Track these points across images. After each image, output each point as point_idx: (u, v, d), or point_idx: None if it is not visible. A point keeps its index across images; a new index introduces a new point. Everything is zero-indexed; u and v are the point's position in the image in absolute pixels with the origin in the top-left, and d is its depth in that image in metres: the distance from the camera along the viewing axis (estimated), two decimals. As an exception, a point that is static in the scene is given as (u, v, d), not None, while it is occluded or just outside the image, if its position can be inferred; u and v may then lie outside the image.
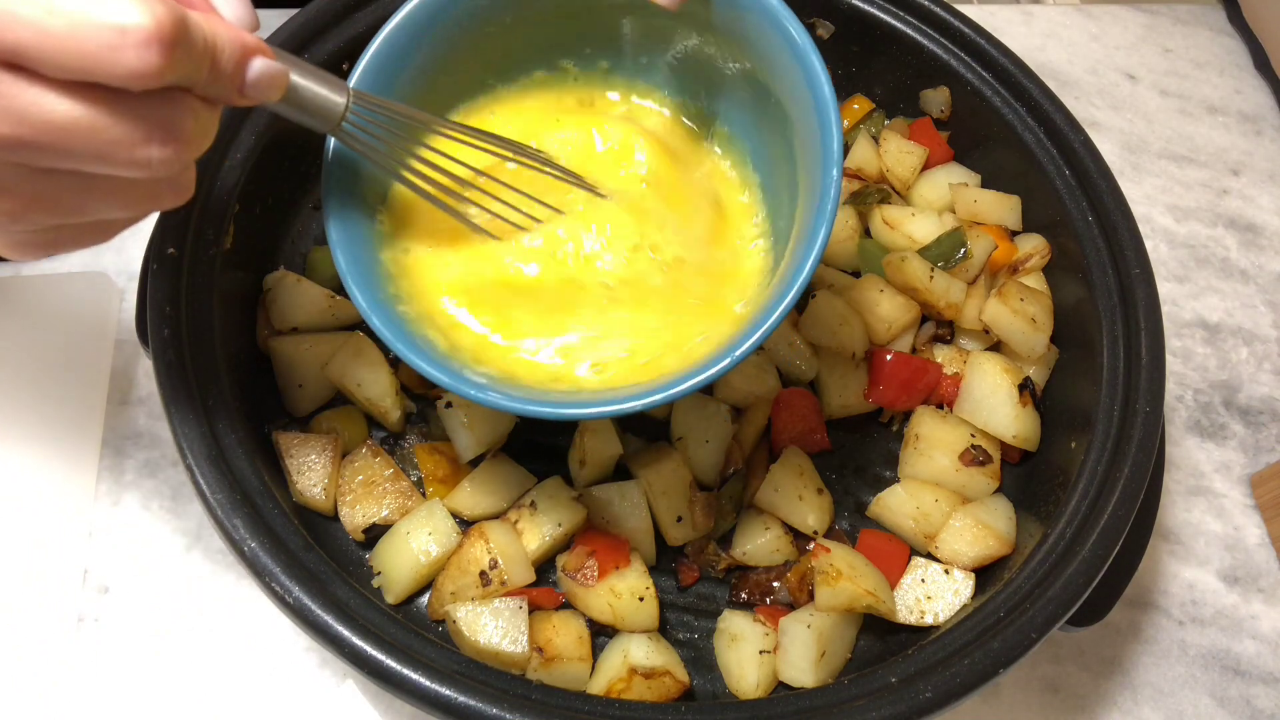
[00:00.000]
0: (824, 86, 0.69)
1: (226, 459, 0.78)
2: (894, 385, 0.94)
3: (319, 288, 0.96)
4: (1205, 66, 1.41)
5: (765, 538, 0.87)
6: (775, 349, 0.95)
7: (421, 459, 0.91)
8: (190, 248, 0.86)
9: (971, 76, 1.05)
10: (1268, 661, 0.97)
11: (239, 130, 0.93)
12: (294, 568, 0.73)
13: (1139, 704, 0.94)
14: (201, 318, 0.84)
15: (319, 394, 0.93)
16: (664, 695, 0.79)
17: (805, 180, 0.73)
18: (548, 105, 0.86)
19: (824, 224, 0.67)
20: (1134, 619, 0.98)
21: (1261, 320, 1.18)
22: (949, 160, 1.10)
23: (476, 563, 0.82)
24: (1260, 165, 1.32)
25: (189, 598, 0.90)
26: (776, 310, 0.66)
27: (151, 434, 0.97)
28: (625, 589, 0.82)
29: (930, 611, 0.86)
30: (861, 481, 0.96)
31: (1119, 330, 0.91)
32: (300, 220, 1.03)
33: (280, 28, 0.96)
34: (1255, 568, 1.02)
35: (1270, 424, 1.11)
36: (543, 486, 0.88)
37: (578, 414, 0.71)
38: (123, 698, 0.86)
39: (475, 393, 0.68)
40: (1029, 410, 0.93)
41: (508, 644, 0.79)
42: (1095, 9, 1.45)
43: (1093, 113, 1.33)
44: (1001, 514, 0.90)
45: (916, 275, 0.96)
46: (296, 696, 0.87)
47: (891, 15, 1.07)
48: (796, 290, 0.66)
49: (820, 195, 0.68)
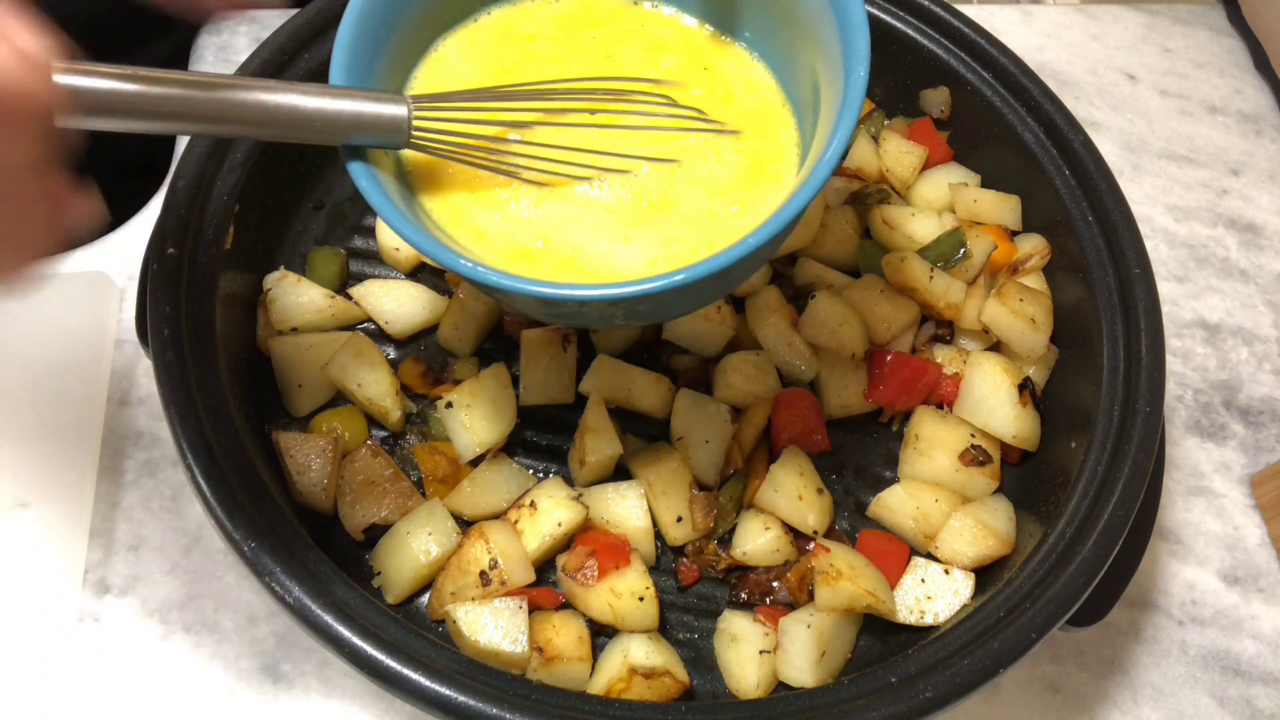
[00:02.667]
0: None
1: (226, 459, 0.78)
2: (894, 385, 0.94)
3: (319, 288, 0.96)
4: (1205, 66, 1.41)
5: (765, 538, 0.87)
6: (775, 349, 0.95)
7: (421, 459, 0.91)
8: (190, 248, 0.86)
9: (971, 76, 1.05)
10: (1268, 661, 0.97)
11: (239, 130, 0.93)
12: (294, 568, 0.73)
13: (1139, 704, 0.94)
14: (201, 318, 0.84)
15: (319, 394, 0.93)
16: (664, 695, 0.79)
17: (828, 93, 0.71)
18: (581, 14, 0.83)
19: (847, 119, 0.64)
20: (1134, 619, 0.98)
21: (1261, 320, 1.18)
22: (949, 160, 1.10)
23: (476, 563, 0.82)
24: (1260, 165, 1.32)
25: (189, 598, 0.90)
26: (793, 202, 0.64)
27: (151, 434, 0.97)
28: (625, 589, 0.82)
29: (930, 611, 0.86)
30: (861, 481, 0.96)
31: (1119, 330, 0.91)
32: (300, 220, 1.03)
33: (280, 28, 0.96)
34: (1255, 568, 1.02)
35: (1270, 424, 1.11)
36: (543, 486, 0.88)
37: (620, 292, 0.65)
38: (123, 697, 0.86)
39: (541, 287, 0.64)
40: (1029, 410, 0.93)
41: (508, 644, 0.79)
42: (1095, 9, 1.45)
43: (1093, 113, 1.33)
44: (1001, 514, 0.90)
45: (916, 275, 0.96)
46: (297, 696, 0.87)
47: (891, 15, 1.07)
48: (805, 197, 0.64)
49: (844, 98, 0.66)
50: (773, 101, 0.80)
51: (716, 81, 0.81)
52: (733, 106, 0.80)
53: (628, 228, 0.74)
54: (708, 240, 0.74)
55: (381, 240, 1.01)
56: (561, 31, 0.83)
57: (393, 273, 1.02)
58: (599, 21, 0.83)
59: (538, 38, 0.82)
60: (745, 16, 0.82)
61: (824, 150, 0.66)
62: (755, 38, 0.82)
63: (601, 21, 0.83)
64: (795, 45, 0.78)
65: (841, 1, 0.68)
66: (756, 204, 0.76)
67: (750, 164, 0.77)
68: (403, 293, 0.97)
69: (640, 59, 0.81)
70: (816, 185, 0.64)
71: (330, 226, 1.04)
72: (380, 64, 0.74)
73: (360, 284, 0.98)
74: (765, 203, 0.76)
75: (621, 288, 0.64)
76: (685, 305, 0.80)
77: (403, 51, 0.78)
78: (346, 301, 0.97)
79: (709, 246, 0.73)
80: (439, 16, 0.80)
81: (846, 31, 0.68)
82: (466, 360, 0.97)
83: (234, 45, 1.22)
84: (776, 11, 0.78)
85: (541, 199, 0.74)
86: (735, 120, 0.78)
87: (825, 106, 0.72)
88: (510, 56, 0.81)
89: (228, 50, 1.22)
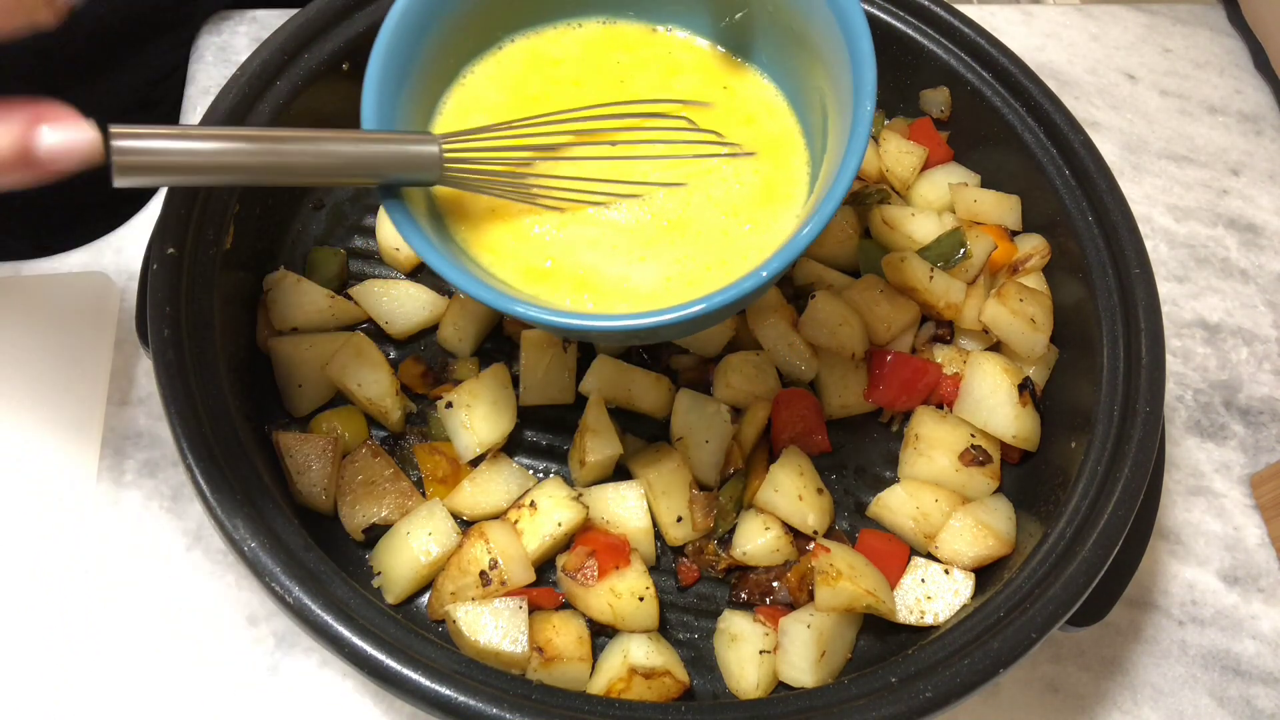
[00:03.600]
0: (857, 21, 0.69)
1: (226, 459, 0.78)
2: (894, 385, 0.94)
3: (319, 288, 0.96)
4: (1205, 66, 1.41)
5: (765, 538, 0.87)
6: (775, 349, 0.95)
7: (421, 459, 0.91)
8: (190, 248, 0.86)
9: (971, 76, 1.05)
10: (1268, 661, 0.97)
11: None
12: (294, 568, 0.73)
13: (1139, 704, 0.94)
14: (201, 318, 0.84)
15: (319, 394, 0.93)
16: (664, 695, 0.79)
17: (836, 121, 0.73)
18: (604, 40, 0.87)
19: (854, 156, 0.67)
20: (1134, 619, 0.98)
21: (1261, 320, 1.18)
22: (949, 160, 1.10)
23: (476, 563, 0.82)
24: (1260, 165, 1.32)
25: (189, 598, 0.90)
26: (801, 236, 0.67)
27: (151, 434, 0.97)
28: (625, 589, 0.82)
29: (930, 611, 0.86)
30: (861, 481, 0.96)
31: (1119, 330, 0.91)
32: (300, 220, 1.03)
33: (280, 28, 0.96)
34: (1255, 568, 1.02)
35: (1270, 424, 1.11)
36: (543, 486, 0.88)
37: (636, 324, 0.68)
38: (123, 697, 0.86)
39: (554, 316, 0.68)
40: (1029, 410, 0.93)
41: (508, 644, 0.79)
42: (1095, 9, 1.45)
43: (1093, 113, 1.33)
44: (1001, 514, 0.90)
45: (916, 275, 0.96)
46: (297, 696, 0.87)
47: (891, 15, 1.07)
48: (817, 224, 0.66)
49: (851, 131, 0.68)
50: (786, 124, 0.83)
51: (736, 103, 0.84)
52: (750, 128, 0.82)
53: (643, 247, 0.77)
54: (721, 259, 0.77)
55: (381, 240, 1.01)
56: (586, 56, 0.86)
57: (393, 273, 1.02)
58: (622, 46, 0.86)
59: (564, 61, 0.85)
60: (759, 42, 0.84)
61: (832, 182, 0.68)
62: (769, 61, 0.85)
63: (625, 46, 0.86)
64: (807, 71, 0.80)
65: (853, 32, 0.70)
66: (769, 224, 0.78)
67: (764, 185, 0.80)
68: (403, 293, 0.97)
69: (660, 81, 0.84)
70: (826, 216, 0.67)
71: (330, 226, 1.04)
72: (408, 92, 0.77)
73: (360, 284, 0.98)
74: (778, 222, 0.78)
75: (643, 318, 0.67)
76: (695, 329, 0.86)
77: (431, 78, 0.81)
78: (346, 301, 0.97)
79: (722, 265, 0.76)
80: (465, 45, 0.83)
81: (857, 63, 0.70)
82: (466, 360, 0.97)
83: (234, 45, 1.22)
84: (790, 39, 0.81)
85: (562, 223, 0.77)
86: (751, 142, 0.81)
87: (833, 134, 0.74)
88: (536, 84, 0.84)
89: (228, 50, 1.22)
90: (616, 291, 0.75)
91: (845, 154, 0.68)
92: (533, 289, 0.75)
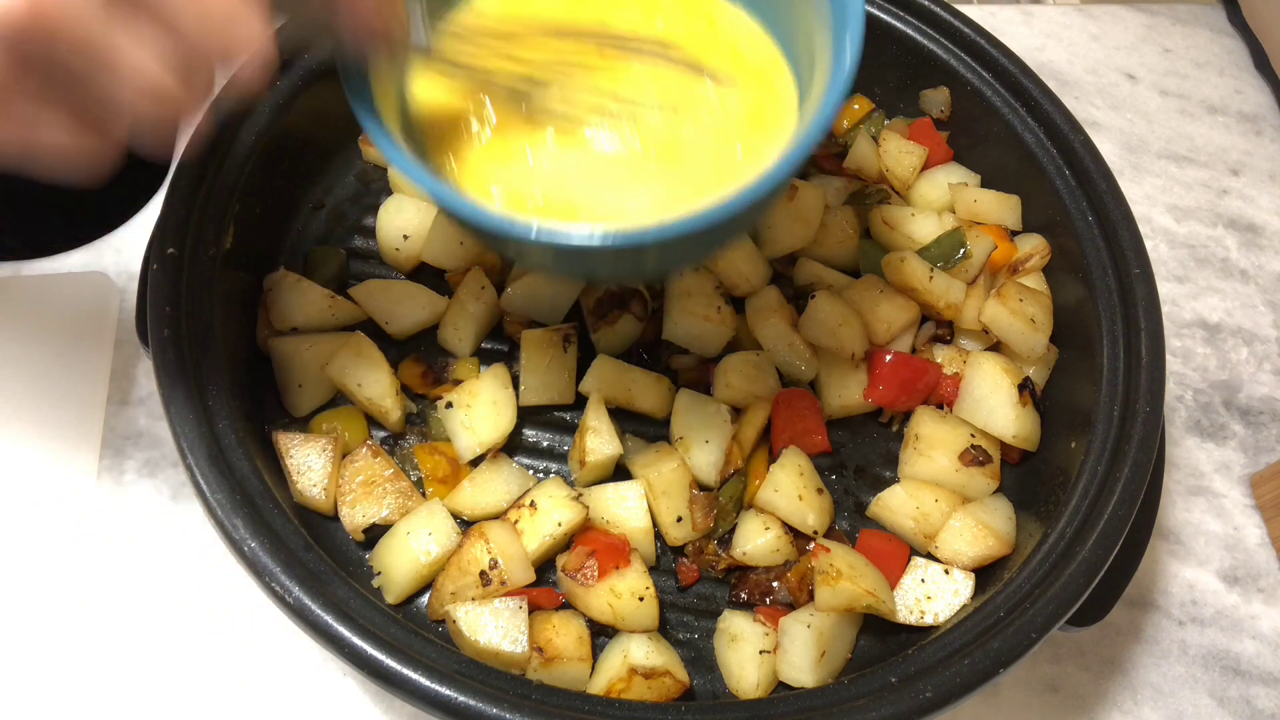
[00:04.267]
0: None
1: (226, 459, 0.78)
2: (894, 385, 0.94)
3: (319, 288, 0.96)
4: (1205, 66, 1.41)
5: (765, 538, 0.87)
6: (775, 349, 0.95)
7: (421, 459, 0.91)
8: (190, 248, 0.86)
9: (971, 76, 1.05)
10: (1268, 661, 0.97)
11: (239, 130, 0.93)
12: (294, 568, 0.73)
13: (1139, 704, 0.94)
14: (201, 318, 0.84)
15: (319, 394, 0.93)
16: (664, 695, 0.79)
17: (822, 49, 0.73)
18: None
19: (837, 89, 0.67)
20: (1134, 619, 0.98)
21: (1261, 320, 1.18)
22: (949, 160, 1.10)
23: (476, 563, 0.82)
24: (1260, 165, 1.32)
25: (189, 597, 0.90)
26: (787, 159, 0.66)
27: (151, 434, 0.97)
28: (625, 589, 0.82)
29: (930, 611, 0.86)
30: (861, 481, 0.96)
31: (1119, 330, 0.91)
32: (300, 220, 1.03)
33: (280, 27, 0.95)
34: (1255, 568, 1.02)
35: (1270, 424, 1.11)
36: (543, 486, 0.88)
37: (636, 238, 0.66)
38: (123, 697, 0.86)
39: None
40: (1029, 410, 0.93)
41: (508, 644, 0.79)
42: (1095, 9, 1.45)
43: (1093, 113, 1.33)
44: (1001, 514, 0.90)
45: (916, 275, 0.96)
46: (297, 696, 0.87)
47: (891, 15, 1.07)
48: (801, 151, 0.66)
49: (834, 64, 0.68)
50: (771, 54, 0.82)
51: (720, 35, 0.83)
52: (735, 60, 0.81)
53: (635, 176, 0.75)
54: (715, 183, 0.75)
55: (382, 240, 1.01)
56: None
57: (393, 273, 1.02)
58: None
59: (544, 1, 0.83)
60: None
61: (820, 104, 0.68)
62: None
63: None
64: (790, 5, 0.80)
65: None
66: (761, 147, 0.77)
67: (753, 111, 0.79)
68: (403, 293, 0.97)
69: (642, 17, 0.83)
70: (815, 137, 0.67)
71: (330, 226, 1.04)
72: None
73: (360, 284, 0.98)
74: (770, 145, 0.77)
75: (645, 232, 0.65)
76: (711, 243, 0.83)
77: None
78: (346, 301, 0.97)
79: (717, 189, 0.74)
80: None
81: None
82: (466, 360, 0.97)
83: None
84: None
85: (551, 154, 0.75)
86: (738, 71, 0.80)
87: (820, 63, 0.74)
88: (515, 24, 0.82)
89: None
90: (611, 221, 0.73)
91: (830, 81, 0.69)
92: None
